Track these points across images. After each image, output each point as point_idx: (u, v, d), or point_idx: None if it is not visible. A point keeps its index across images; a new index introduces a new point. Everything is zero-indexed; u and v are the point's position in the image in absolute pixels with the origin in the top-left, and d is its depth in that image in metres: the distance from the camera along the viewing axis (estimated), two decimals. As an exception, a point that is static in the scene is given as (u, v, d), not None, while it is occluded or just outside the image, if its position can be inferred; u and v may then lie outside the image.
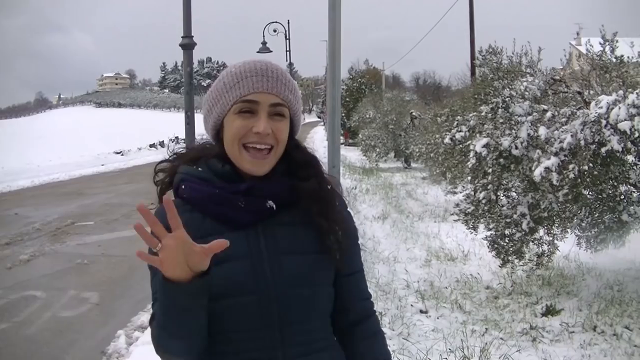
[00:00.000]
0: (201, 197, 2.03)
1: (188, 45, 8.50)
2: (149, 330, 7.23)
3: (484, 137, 8.89)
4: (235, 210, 2.01)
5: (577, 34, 56.35)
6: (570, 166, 7.34)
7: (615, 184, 8.43)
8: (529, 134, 8.19)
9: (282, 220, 2.06)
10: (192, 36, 8.53)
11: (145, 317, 8.25)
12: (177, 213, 1.77)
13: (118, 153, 46.93)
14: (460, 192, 11.93)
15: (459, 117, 12.35)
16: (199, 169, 2.09)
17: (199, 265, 1.75)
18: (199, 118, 8.30)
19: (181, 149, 2.29)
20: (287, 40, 29.18)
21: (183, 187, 2.08)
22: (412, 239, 13.35)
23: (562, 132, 7.64)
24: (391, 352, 6.32)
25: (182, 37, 8.52)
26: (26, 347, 7.44)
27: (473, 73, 27.75)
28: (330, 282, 2.12)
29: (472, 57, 29.53)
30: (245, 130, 1.99)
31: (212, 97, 2.10)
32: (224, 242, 1.72)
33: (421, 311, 8.37)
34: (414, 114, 32.66)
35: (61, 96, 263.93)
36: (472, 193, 9.59)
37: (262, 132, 1.96)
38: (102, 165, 39.18)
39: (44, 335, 7.87)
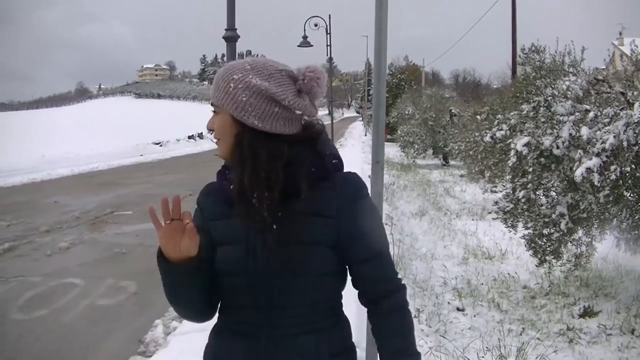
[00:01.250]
0: (218, 185, 2.36)
1: (231, 38, 8.50)
2: (186, 321, 7.28)
3: (525, 135, 8.83)
4: (231, 201, 2.23)
5: (620, 33, 55.81)
6: (612, 167, 7.27)
7: (658, 186, 8.35)
8: (570, 134, 8.13)
9: (283, 210, 2.16)
10: (236, 29, 8.53)
11: (182, 307, 8.29)
12: (204, 196, 2.39)
13: (157, 144, 47.06)
14: (500, 191, 11.86)
15: (499, 115, 12.28)
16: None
17: (187, 250, 2.04)
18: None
19: None
20: (328, 35, 29.14)
21: (217, 174, 2.38)
22: (449, 236, 13.31)
23: (604, 132, 7.57)
24: (428, 349, 6.32)
25: (225, 29, 8.52)
26: (64, 334, 7.52)
27: (514, 72, 27.62)
28: (325, 271, 2.23)
29: (514, 56, 29.41)
30: None
31: None
32: (190, 226, 2.02)
33: (458, 309, 8.35)
34: (453, 111, 32.51)
35: (101, 86, 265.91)
36: (511, 192, 9.54)
37: (207, 127, 2.31)
38: (141, 155, 39.39)
39: (82, 322, 7.95)
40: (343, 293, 2.40)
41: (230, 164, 2.28)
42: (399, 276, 2.41)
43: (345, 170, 2.35)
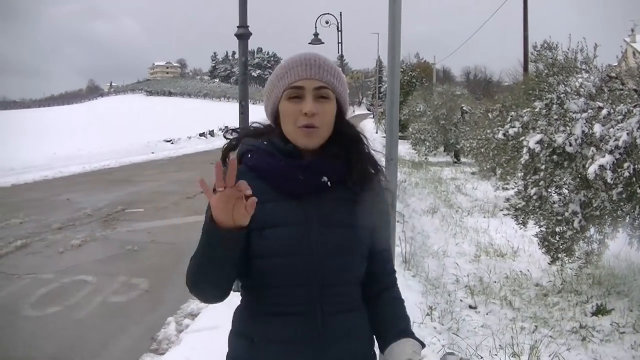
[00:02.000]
0: (267, 167, 2.35)
1: (243, 35, 8.50)
2: (199, 318, 7.30)
3: (538, 133, 8.81)
4: (295, 183, 2.32)
5: (632, 30, 55.68)
6: (625, 164, 7.25)
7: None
8: (583, 131, 8.10)
9: (332, 195, 2.35)
10: (248, 26, 8.52)
11: (194, 304, 8.31)
12: (242, 179, 2.09)
13: (168, 141, 47.11)
14: (512, 188, 11.84)
15: (512, 112, 12.26)
16: (264, 142, 2.40)
17: (240, 220, 2.01)
18: (253, 108, 8.30)
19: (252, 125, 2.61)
20: (339, 32, 29.15)
21: (249, 156, 2.39)
22: (461, 233, 13.30)
23: (617, 129, 7.54)
24: (441, 347, 6.34)
25: (237, 26, 8.52)
26: (76, 331, 7.54)
27: (526, 69, 27.55)
28: (364, 254, 2.41)
29: (525, 53, 29.32)
30: (296, 113, 2.29)
31: (268, 88, 2.44)
32: (254, 199, 1.98)
33: (470, 307, 8.35)
34: (464, 108, 32.45)
35: (112, 84, 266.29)
36: (523, 189, 9.52)
37: (309, 112, 2.26)
38: (152, 153, 39.43)
39: (94, 319, 7.97)
40: None
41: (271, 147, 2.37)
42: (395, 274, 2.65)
43: None
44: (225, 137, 2.58)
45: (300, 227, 2.28)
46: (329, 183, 2.34)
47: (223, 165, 2.02)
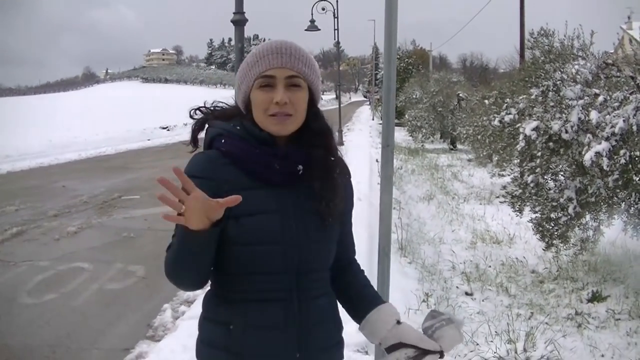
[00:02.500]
0: (241, 154, 2.32)
1: (240, 22, 8.49)
2: (195, 305, 7.31)
3: (534, 120, 8.82)
4: (270, 171, 2.31)
5: (629, 17, 55.67)
6: (622, 151, 7.26)
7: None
8: (579, 118, 8.11)
9: (306, 183, 2.35)
10: (244, 12, 8.52)
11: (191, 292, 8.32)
12: (215, 165, 2.31)
13: (164, 128, 47.06)
14: (508, 175, 11.85)
15: (508, 99, 12.26)
16: (237, 127, 2.38)
17: (214, 216, 2.03)
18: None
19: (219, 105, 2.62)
20: (336, 19, 29.09)
21: (223, 141, 2.37)
22: (457, 220, 13.32)
23: (614, 116, 7.55)
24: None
25: (233, 13, 8.51)
26: (73, 318, 7.54)
27: (522, 56, 27.53)
28: (336, 240, 2.48)
29: (522, 40, 29.33)
30: (267, 102, 2.27)
31: (240, 75, 2.41)
32: (237, 197, 2.02)
33: (466, 293, 8.37)
34: (460, 95, 32.45)
35: (108, 71, 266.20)
36: (519, 176, 9.53)
37: (280, 101, 2.24)
38: (148, 140, 39.41)
39: (91, 307, 7.97)
40: None
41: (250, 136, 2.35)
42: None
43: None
44: (191, 116, 2.59)
45: (278, 215, 2.30)
46: (302, 171, 2.36)
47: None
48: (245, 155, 2.31)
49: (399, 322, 2.39)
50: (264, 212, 2.28)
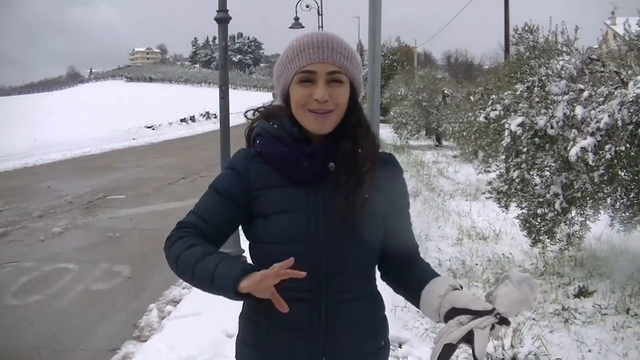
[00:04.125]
0: (272, 154, 2.31)
1: (223, 20, 8.47)
2: (181, 305, 7.27)
3: (519, 115, 8.82)
4: (300, 169, 2.27)
5: (612, 13, 55.94)
6: (607, 146, 7.27)
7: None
8: (565, 114, 8.12)
9: (340, 180, 2.26)
10: (227, 10, 8.50)
11: (176, 291, 8.31)
12: (249, 163, 2.34)
13: (149, 127, 47.02)
14: (494, 171, 11.87)
15: (493, 95, 12.27)
16: (274, 125, 2.35)
17: (262, 295, 2.03)
18: (233, 93, 8.27)
19: (266, 105, 2.54)
20: (320, 16, 29.06)
21: (258, 141, 2.37)
22: (443, 217, 13.32)
23: (599, 112, 7.56)
24: (424, 330, 6.34)
25: (217, 10, 8.50)
26: (58, 319, 7.50)
27: (507, 52, 27.59)
28: (374, 242, 2.36)
29: (507, 36, 29.37)
30: (306, 98, 2.22)
31: (278, 69, 2.35)
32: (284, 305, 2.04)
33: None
34: (445, 92, 32.52)
35: (92, 70, 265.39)
36: (505, 172, 9.54)
37: (320, 99, 2.18)
38: (133, 139, 39.37)
39: (76, 307, 7.93)
40: None
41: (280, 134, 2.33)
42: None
43: None
44: (245, 116, 2.54)
45: (305, 214, 2.26)
46: (333, 168, 2.29)
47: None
48: (275, 154, 2.30)
49: (455, 289, 2.20)
50: (292, 210, 2.26)
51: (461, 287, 2.22)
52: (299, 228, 2.24)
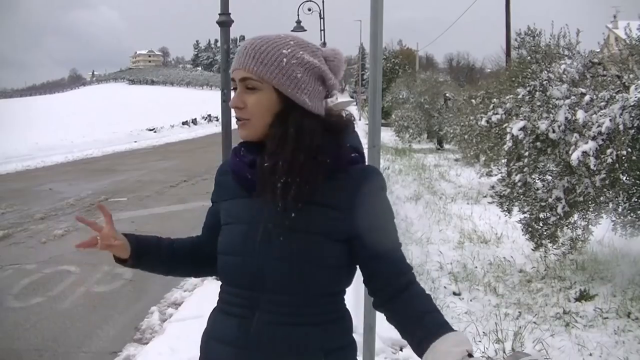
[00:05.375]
0: (230, 163, 2.28)
1: (225, 23, 8.48)
2: (182, 307, 7.28)
3: (521, 119, 8.83)
4: (245, 180, 2.19)
5: (614, 17, 56.00)
6: (608, 151, 7.27)
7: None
8: (566, 118, 8.12)
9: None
10: (230, 13, 8.50)
11: (178, 294, 8.31)
12: (222, 173, 2.39)
13: (151, 130, 47.05)
14: (495, 175, 11.86)
15: (495, 99, 12.28)
16: None
17: (120, 254, 2.39)
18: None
19: None
20: (322, 20, 29.09)
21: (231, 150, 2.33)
22: (444, 220, 13.32)
23: (600, 116, 7.56)
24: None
25: (219, 14, 8.50)
26: (60, 322, 7.49)
27: (508, 55, 27.59)
28: (327, 264, 2.13)
29: (508, 40, 29.41)
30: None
31: None
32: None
33: (454, 293, 8.36)
34: (447, 95, 32.54)
35: (94, 73, 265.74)
36: (507, 175, 9.54)
37: (231, 106, 2.15)
38: (135, 142, 39.39)
39: (78, 310, 7.93)
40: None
41: (250, 144, 2.22)
42: (413, 271, 2.21)
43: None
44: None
45: (246, 226, 2.17)
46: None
47: None
48: (231, 164, 2.27)
49: (470, 355, 1.87)
50: (236, 222, 2.22)
51: (470, 355, 1.87)
52: (238, 240, 2.18)
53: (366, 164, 2.31)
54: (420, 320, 2.03)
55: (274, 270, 2.10)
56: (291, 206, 2.07)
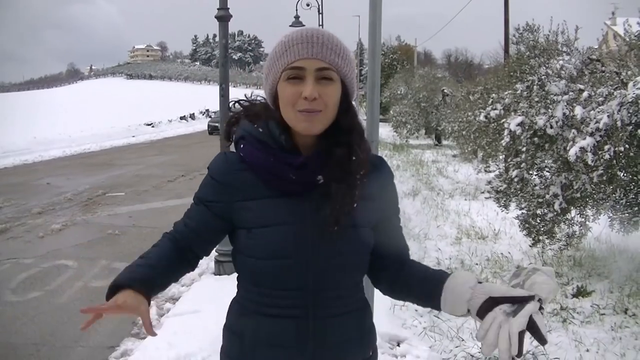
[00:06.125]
0: (257, 162, 2.15)
1: (224, 17, 8.47)
2: (180, 302, 7.27)
3: (519, 115, 8.83)
4: (286, 181, 2.11)
5: (613, 13, 55.96)
6: (606, 147, 7.26)
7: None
8: (564, 114, 8.12)
9: (331, 190, 2.10)
10: (228, 8, 8.50)
11: (175, 288, 8.27)
12: (230, 170, 2.19)
13: (149, 125, 47.17)
14: (493, 171, 11.86)
15: (494, 94, 12.28)
16: (260, 129, 2.19)
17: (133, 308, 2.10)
18: (233, 91, 8.30)
19: (252, 100, 2.37)
20: (320, 15, 29.04)
21: (242, 146, 2.20)
22: (442, 216, 13.32)
23: (598, 112, 7.55)
24: (422, 329, 6.33)
25: (217, 8, 8.50)
26: (57, 316, 7.50)
27: (506, 51, 27.59)
28: (365, 251, 2.23)
29: (506, 36, 29.41)
30: (295, 96, 2.05)
31: (267, 66, 2.19)
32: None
33: (452, 289, 8.35)
34: (445, 91, 32.53)
35: (92, 67, 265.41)
36: (505, 171, 9.55)
37: (309, 97, 2.02)
38: (133, 136, 39.51)
39: (75, 304, 7.91)
40: None
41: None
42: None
43: None
44: (230, 109, 2.50)
45: (291, 227, 2.12)
46: (322, 181, 2.12)
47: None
48: (259, 163, 2.15)
49: (479, 282, 2.04)
50: (278, 224, 2.12)
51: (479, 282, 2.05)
52: (285, 243, 2.11)
53: None
54: (425, 278, 2.23)
55: (328, 267, 2.13)
56: (356, 201, 2.12)
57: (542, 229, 8.89)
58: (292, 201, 2.14)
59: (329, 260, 2.13)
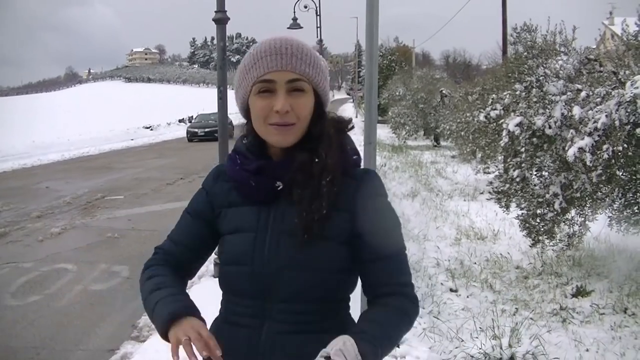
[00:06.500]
0: (229, 172, 2.22)
1: (221, 20, 8.48)
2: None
3: (517, 115, 8.83)
4: (249, 188, 2.14)
5: (610, 13, 56.03)
6: (604, 147, 7.27)
7: (650, 165, 8.34)
8: (562, 114, 8.12)
9: (294, 196, 2.07)
10: (226, 10, 8.51)
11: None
12: (216, 181, 2.28)
13: (147, 128, 47.18)
14: (492, 172, 11.86)
15: (493, 95, 12.28)
16: (243, 141, 2.22)
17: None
18: (231, 93, 8.36)
19: None
20: (318, 17, 29.05)
21: (227, 158, 2.27)
22: (441, 217, 13.31)
23: (596, 112, 7.56)
24: (422, 330, 6.33)
25: (215, 11, 8.50)
26: (57, 320, 7.50)
27: (505, 52, 27.59)
28: (335, 268, 2.10)
29: (504, 36, 29.37)
30: (266, 110, 2.03)
31: (237, 79, 2.16)
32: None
33: (451, 290, 8.36)
34: (444, 92, 32.51)
35: (91, 71, 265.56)
36: (504, 172, 9.55)
37: (281, 110, 2.00)
38: (132, 139, 39.55)
39: (75, 308, 7.94)
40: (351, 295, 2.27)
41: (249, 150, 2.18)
42: (415, 290, 2.21)
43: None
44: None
45: (252, 235, 2.11)
46: (280, 187, 2.09)
47: None
48: (231, 172, 2.20)
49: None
50: (242, 231, 2.14)
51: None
52: (245, 249, 2.10)
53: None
54: (364, 323, 2.03)
55: (285, 278, 2.06)
56: (324, 208, 2.04)
57: (542, 229, 8.89)
58: (260, 209, 2.13)
59: (286, 272, 2.06)
